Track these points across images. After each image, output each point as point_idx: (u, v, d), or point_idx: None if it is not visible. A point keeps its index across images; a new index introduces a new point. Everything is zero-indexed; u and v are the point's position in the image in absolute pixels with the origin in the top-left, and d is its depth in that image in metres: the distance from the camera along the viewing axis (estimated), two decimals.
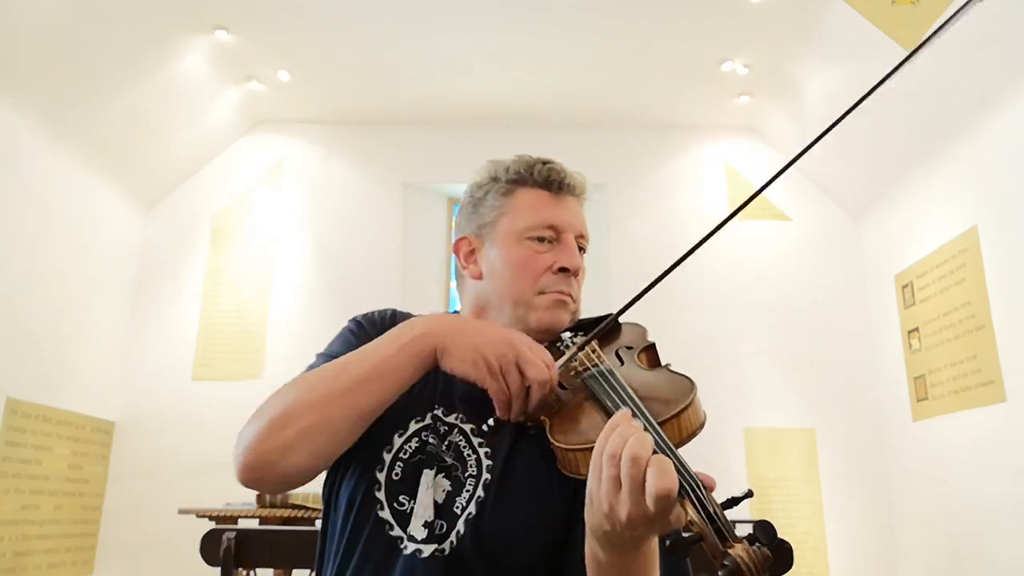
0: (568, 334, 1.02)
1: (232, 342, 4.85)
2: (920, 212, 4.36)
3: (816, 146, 0.94)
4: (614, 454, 0.66)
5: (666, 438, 0.71)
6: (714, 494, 0.65)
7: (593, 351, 0.94)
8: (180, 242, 5.04)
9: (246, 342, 4.85)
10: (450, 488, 0.93)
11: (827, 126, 0.92)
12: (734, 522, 0.63)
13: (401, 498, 0.93)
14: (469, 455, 0.95)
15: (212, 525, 1.83)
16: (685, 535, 0.61)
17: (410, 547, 0.90)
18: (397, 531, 0.92)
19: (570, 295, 1.02)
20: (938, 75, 3.77)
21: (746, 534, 0.60)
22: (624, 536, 0.69)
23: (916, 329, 4.37)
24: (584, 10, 4.14)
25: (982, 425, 3.72)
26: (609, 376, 0.84)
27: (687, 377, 0.85)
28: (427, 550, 0.90)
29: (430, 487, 0.93)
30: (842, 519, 4.63)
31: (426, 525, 0.91)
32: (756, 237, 5.11)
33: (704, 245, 0.95)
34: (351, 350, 0.95)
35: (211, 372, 4.78)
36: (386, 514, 0.92)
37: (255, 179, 5.21)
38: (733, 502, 0.64)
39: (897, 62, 0.88)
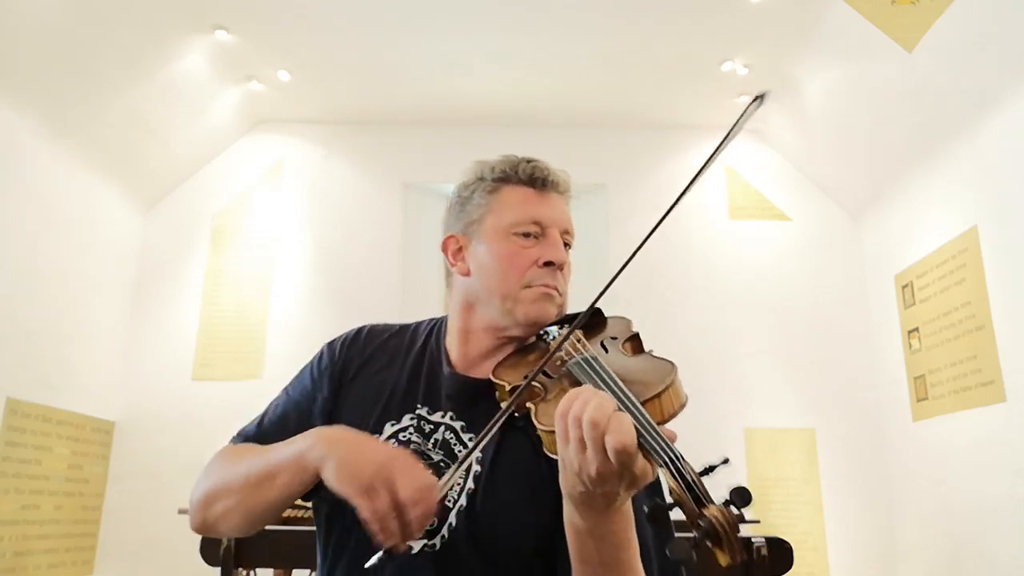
0: (555, 328, 1.04)
1: (232, 342, 4.85)
2: (920, 212, 4.36)
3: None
4: (576, 417, 0.71)
5: (646, 413, 0.74)
6: (693, 464, 0.69)
7: (578, 340, 0.96)
8: (180, 242, 5.04)
9: (246, 342, 4.85)
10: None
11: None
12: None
13: None
14: (460, 451, 0.97)
15: None
16: (663, 502, 0.64)
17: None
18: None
19: (556, 288, 1.04)
20: (938, 75, 3.77)
21: (723, 500, 0.65)
22: (597, 494, 0.73)
23: (916, 329, 4.37)
24: (584, 10, 4.14)
25: (982, 425, 3.72)
26: (593, 362, 0.86)
27: (668, 360, 0.87)
28: (416, 546, 0.92)
29: None
30: (842, 519, 4.63)
31: None
32: (756, 237, 5.11)
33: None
34: (302, 395, 1.08)
35: (211, 372, 4.78)
36: None
37: (255, 179, 5.21)
38: (709, 469, 0.68)
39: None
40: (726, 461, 0.68)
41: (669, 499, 0.67)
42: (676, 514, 0.68)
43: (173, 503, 3.88)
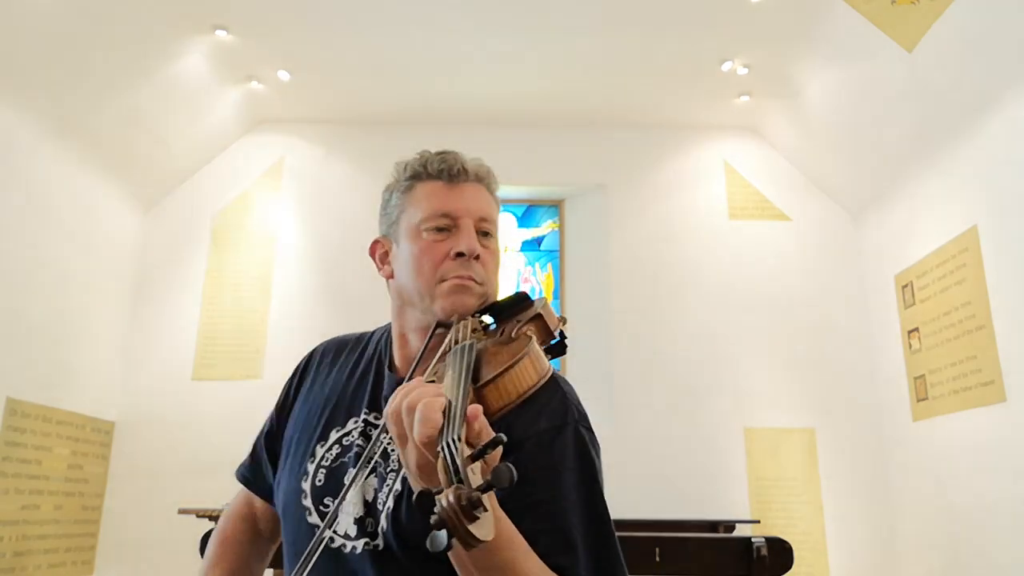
0: (486, 316, 1.02)
1: (232, 342, 4.85)
2: (920, 212, 4.36)
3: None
4: (394, 412, 0.71)
5: (459, 396, 0.71)
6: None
7: (474, 330, 0.95)
8: (180, 242, 5.04)
9: (246, 342, 4.85)
10: (377, 485, 0.96)
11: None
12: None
13: (326, 500, 0.98)
14: (392, 451, 0.97)
15: (212, 525, 1.83)
16: (431, 489, 0.60)
17: (347, 544, 0.94)
18: (327, 532, 0.95)
19: (471, 278, 1.01)
20: (938, 75, 3.77)
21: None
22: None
23: (916, 329, 4.37)
24: (584, 10, 4.14)
25: (982, 425, 3.72)
26: (462, 350, 0.85)
27: (530, 337, 0.85)
28: (360, 545, 0.93)
29: (359, 485, 0.96)
30: (842, 519, 4.63)
31: (357, 522, 0.94)
32: (756, 237, 5.11)
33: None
34: (270, 419, 1.17)
35: (211, 372, 4.78)
36: (314, 519, 0.98)
37: (255, 179, 5.21)
38: (482, 452, 0.63)
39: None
40: (499, 440, 0.63)
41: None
42: None
43: (173, 503, 3.87)
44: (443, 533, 0.57)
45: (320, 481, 0.99)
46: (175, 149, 4.90)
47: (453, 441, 0.64)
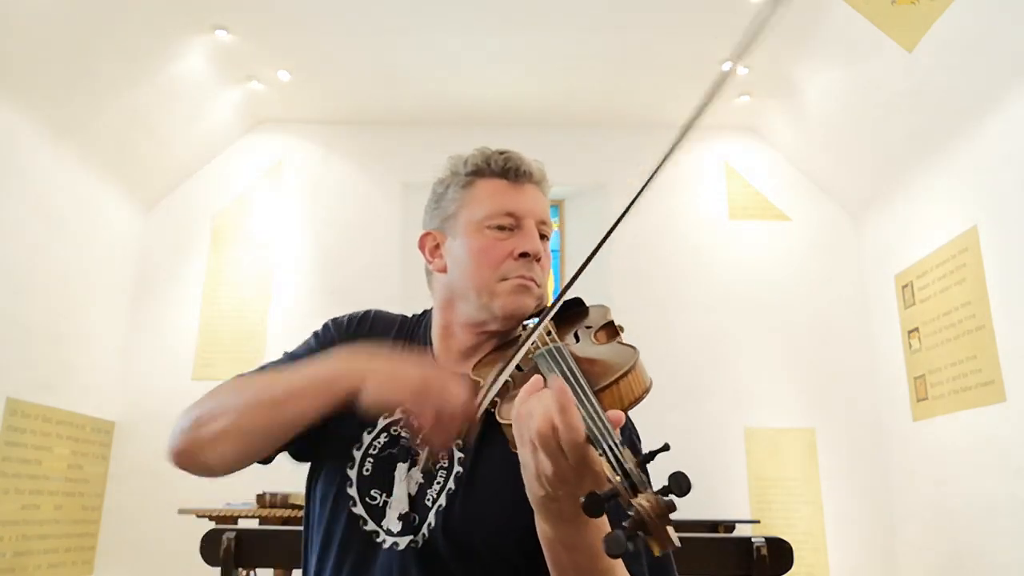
0: (534, 320, 1.02)
1: (232, 342, 4.85)
2: (920, 212, 4.36)
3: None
4: (526, 416, 0.69)
5: (595, 402, 0.72)
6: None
7: (548, 333, 0.95)
8: (180, 242, 5.04)
9: (246, 342, 4.85)
10: (422, 480, 0.94)
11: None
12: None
13: (373, 492, 0.95)
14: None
15: (212, 525, 1.83)
16: (599, 493, 0.61)
17: (387, 540, 0.92)
18: (372, 525, 0.94)
19: (532, 280, 1.01)
20: (938, 75, 3.77)
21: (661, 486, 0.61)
22: (560, 497, 0.70)
23: (916, 329, 4.37)
24: (584, 10, 4.14)
25: (982, 425, 3.72)
26: (556, 353, 0.85)
27: (631, 346, 0.85)
28: (403, 542, 0.92)
29: (404, 480, 0.95)
30: (842, 519, 4.63)
31: (401, 518, 0.93)
32: (756, 237, 5.11)
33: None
34: (309, 355, 1.03)
35: (211, 372, 4.78)
36: (359, 510, 0.95)
37: (255, 179, 5.21)
38: (649, 457, 0.65)
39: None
40: (666, 447, 0.66)
41: (601, 489, 0.64)
42: None
43: (173, 503, 3.87)
44: (622, 536, 0.58)
45: (368, 471, 0.97)
46: (175, 149, 4.90)
47: (616, 446, 0.65)
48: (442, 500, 0.92)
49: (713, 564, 1.26)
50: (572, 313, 1.05)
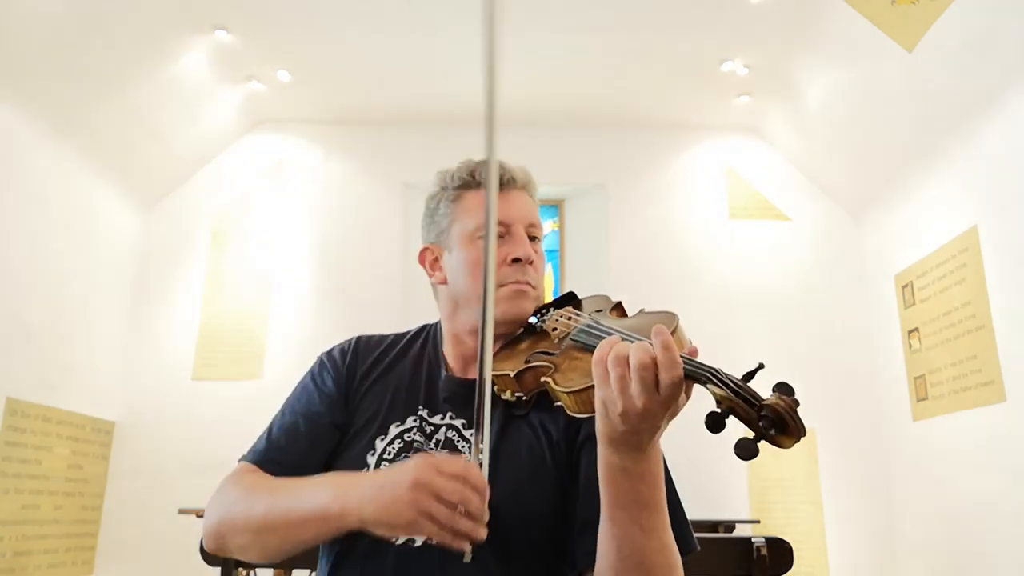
0: (535, 319, 1.08)
1: (232, 342, 4.85)
2: (920, 212, 4.36)
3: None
4: (618, 357, 0.76)
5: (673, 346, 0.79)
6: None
7: (569, 317, 1.01)
8: (180, 242, 5.04)
9: (246, 342, 4.85)
10: None
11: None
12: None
13: None
14: (464, 447, 1.01)
15: None
16: (717, 411, 0.70)
17: (401, 538, 0.95)
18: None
19: (528, 283, 1.07)
20: (938, 75, 3.77)
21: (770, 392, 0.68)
22: (641, 429, 0.77)
23: (916, 329, 4.37)
24: (584, 10, 4.14)
25: (982, 425, 3.72)
26: (595, 324, 0.90)
27: (668, 311, 0.92)
28: (418, 539, 0.93)
29: None
30: (842, 519, 4.63)
31: None
32: (756, 237, 5.11)
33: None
34: (309, 403, 1.07)
35: (211, 372, 4.78)
36: None
37: (255, 179, 5.21)
38: (750, 375, 0.76)
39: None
40: (761, 366, 0.74)
41: (717, 409, 0.72)
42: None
43: (173, 503, 3.88)
44: (752, 441, 0.67)
45: None
46: (175, 149, 4.90)
47: (716, 372, 0.75)
48: None
49: (713, 564, 1.26)
50: (575, 304, 1.10)
